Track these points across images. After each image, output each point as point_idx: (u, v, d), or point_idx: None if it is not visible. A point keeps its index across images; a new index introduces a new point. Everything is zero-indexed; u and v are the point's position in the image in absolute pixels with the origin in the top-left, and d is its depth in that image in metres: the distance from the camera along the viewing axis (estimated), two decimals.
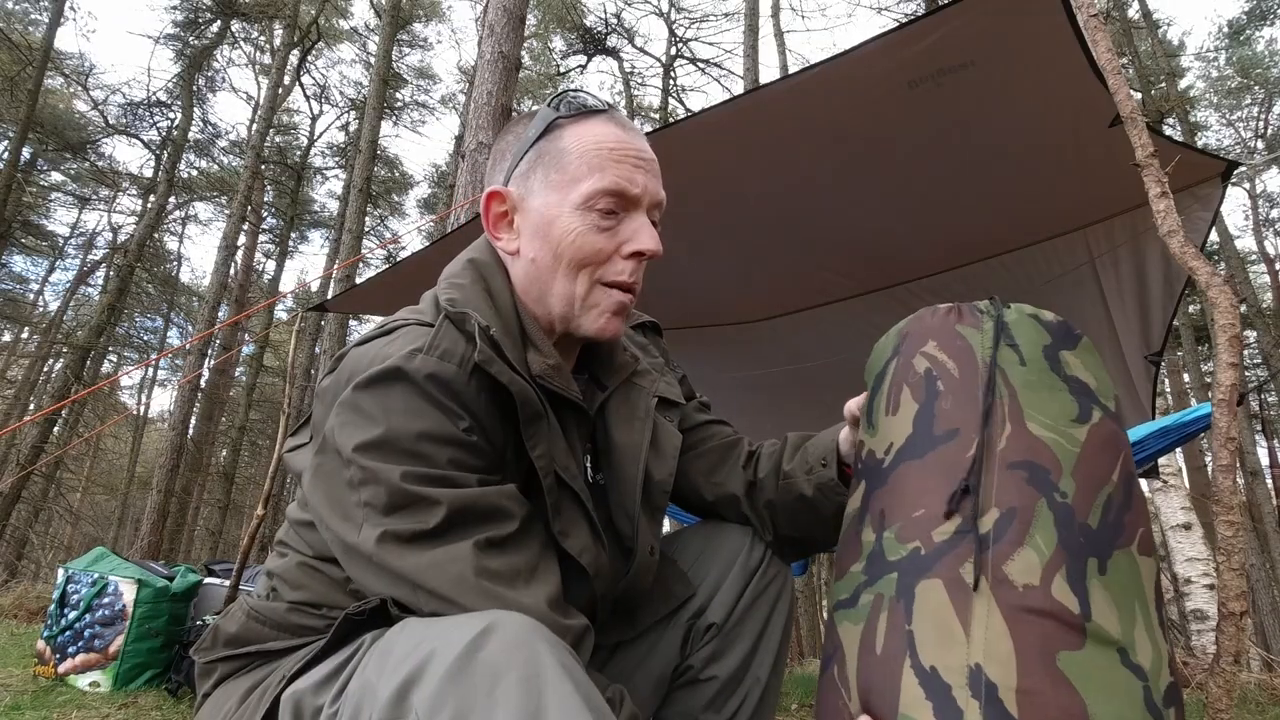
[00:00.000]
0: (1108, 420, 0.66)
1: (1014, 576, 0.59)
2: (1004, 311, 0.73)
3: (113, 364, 16.72)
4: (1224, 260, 11.43)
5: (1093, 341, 0.73)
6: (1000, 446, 0.65)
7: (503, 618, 0.53)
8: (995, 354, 0.70)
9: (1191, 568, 4.91)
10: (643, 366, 0.90)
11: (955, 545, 0.62)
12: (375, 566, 0.63)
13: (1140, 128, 1.27)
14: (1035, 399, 0.67)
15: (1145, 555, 0.62)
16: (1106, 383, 0.70)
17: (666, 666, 0.87)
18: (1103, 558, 0.59)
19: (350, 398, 0.66)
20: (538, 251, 0.78)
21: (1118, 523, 0.61)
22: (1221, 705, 0.95)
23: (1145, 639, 0.57)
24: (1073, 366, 0.69)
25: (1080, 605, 0.57)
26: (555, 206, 0.76)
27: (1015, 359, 0.70)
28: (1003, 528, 0.61)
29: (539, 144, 0.78)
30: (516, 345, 0.74)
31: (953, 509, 0.68)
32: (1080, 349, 0.70)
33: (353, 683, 0.57)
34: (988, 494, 0.64)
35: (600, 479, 0.84)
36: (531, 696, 0.47)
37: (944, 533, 0.64)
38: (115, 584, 2.31)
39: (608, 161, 0.75)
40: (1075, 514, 0.61)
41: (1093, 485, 0.62)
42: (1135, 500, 0.64)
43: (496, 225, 0.82)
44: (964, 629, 0.58)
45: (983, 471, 0.67)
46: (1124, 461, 0.65)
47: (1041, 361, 0.69)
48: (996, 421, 0.67)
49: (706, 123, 2.20)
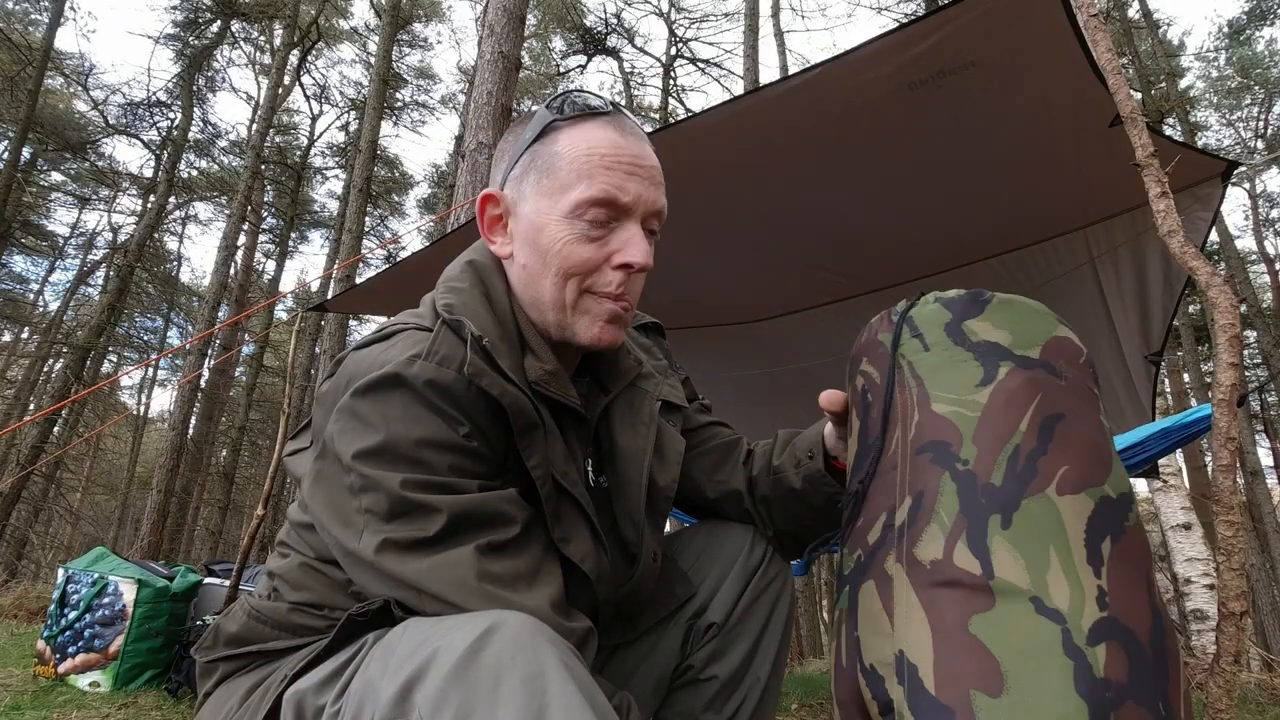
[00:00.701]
0: (1019, 372, 0.64)
1: (922, 556, 0.59)
2: (916, 305, 0.73)
3: (113, 364, 16.73)
4: (1224, 260, 11.42)
5: (1019, 298, 0.71)
6: (911, 435, 0.65)
7: (505, 617, 0.53)
8: (894, 353, 0.70)
9: (1191, 568, 4.91)
10: (646, 370, 0.90)
11: (882, 543, 0.63)
12: (376, 573, 0.63)
13: (1140, 128, 1.27)
14: (939, 378, 0.66)
15: (1069, 494, 0.58)
16: (1032, 330, 0.68)
17: (667, 666, 0.87)
18: (1007, 511, 0.58)
19: (349, 404, 0.66)
20: (528, 258, 0.77)
21: (1028, 471, 0.59)
22: (1221, 705, 0.95)
23: (1062, 580, 0.55)
24: (979, 332, 0.68)
25: (982, 566, 0.56)
26: (544, 214, 0.74)
27: (919, 347, 0.70)
28: (914, 513, 0.62)
29: (534, 147, 0.77)
30: (514, 351, 0.73)
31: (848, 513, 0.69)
32: (989, 311, 0.69)
33: (355, 682, 0.57)
34: (901, 485, 0.64)
35: (603, 482, 0.83)
36: (535, 696, 0.47)
37: (874, 534, 0.65)
38: (115, 584, 2.31)
39: (598, 169, 0.73)
40: (977, 478, 0.60)
41: (995, 443, 0.61)
42: (1057, 442, 0.61)
43: (491, 228, 0.81)
44: (890, 620, 0.59)
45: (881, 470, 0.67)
46: (1042, 405, 0.62)
47: (944, 340, 0.69)
48: (906, 414, 0.67)
49: (707, 123, 2.20)
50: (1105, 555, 0.57)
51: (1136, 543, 0.60)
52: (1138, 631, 0.54)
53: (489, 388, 0.66)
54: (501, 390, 0.67)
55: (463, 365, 0.66)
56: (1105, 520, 0.58)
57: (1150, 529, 12.54)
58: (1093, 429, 0.64)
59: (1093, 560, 0.56)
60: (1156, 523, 5.28)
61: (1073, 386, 0.65)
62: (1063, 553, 0.56)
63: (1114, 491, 0.60)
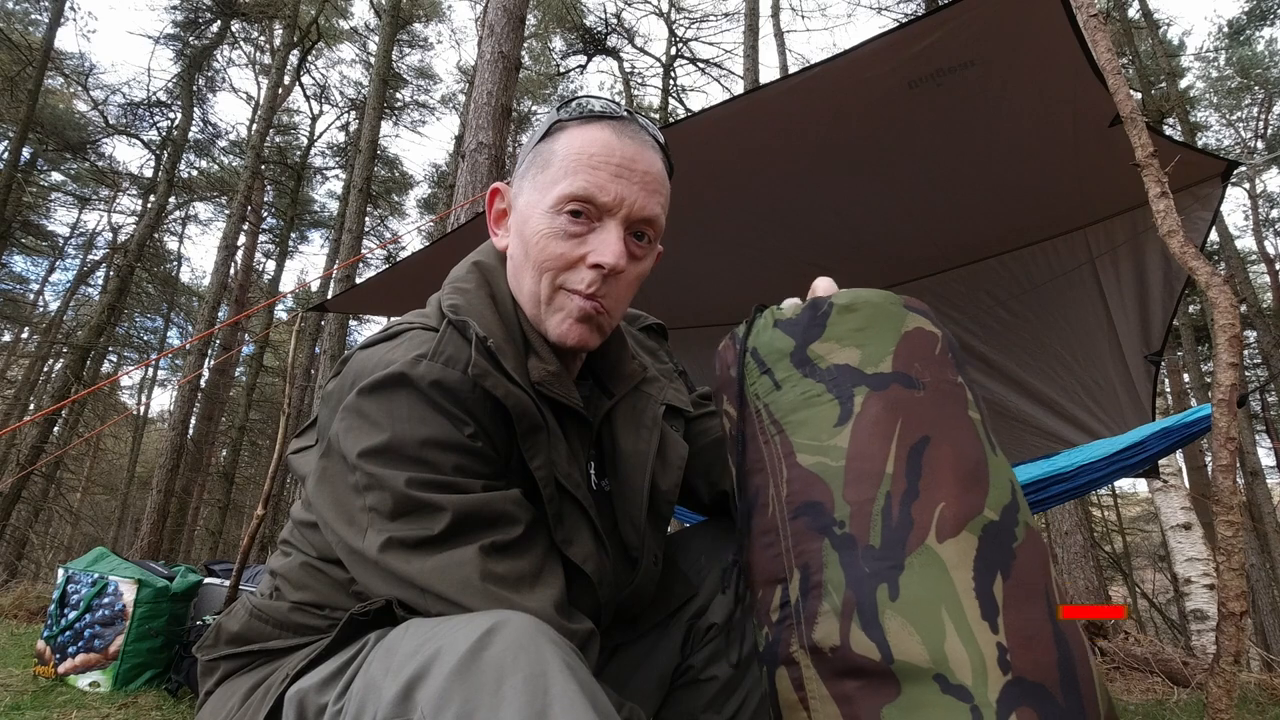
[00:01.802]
0: (875, 396, 0.60)
1: (822, 642, 0.55)
2: (753, 333, 0.68)
3: (113, 364, 16.73)
4: (1224, 260, 11.42)
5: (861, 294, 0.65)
6: (784, 495, 0.61)
7: (508, 617, 0.53)
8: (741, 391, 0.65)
9: (1191, 568, 4.91)
10: (651, 374, 0.90)
11: (783, 623, 0.59)
12: (380, 571, 0.63)
13: (1140, 128, 1.27)
14: (797, 422, 0.62)
15: (950, 537, 0.54)
16: (882, 335, 0.63)
17: (667, 666, 0.87)
18: (893, 578, 0.54)
19: (355, 403, 0.66)
20: (515, 248, 0.79)
21: (904, 523, 0.55)
22: (1221, 705, 0.95)
23: (960, 649, 0.51)
24: (826, 356, 0.63)
25: (880, 650, 0.52)
26: (533, 206, 0.76)
27: (770, 385, 0.64)
28: (805, 589, 0.58)
29: (539, 145, 0.79)
30: (518, 352, 0.73)
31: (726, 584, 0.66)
32: (831, 326, 0.64)
33: (357, 681, 0.57)
34: (788, 555, 0.60)
35: (605, 485, 0.83)
36: (537, 695, 0.47)
37: (775, 611, 0.61)
38: (115, 584, 2.31)
39: (584, 167, 0.73)
40: (856, 542, 0.56)
41: (866, 496, 0.57)
42: (928, 474, 0.57)
43: (498, 221, 0.83)
44: (807, 713, 0.56)
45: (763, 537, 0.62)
46: (905, 430, 0.58)
47: (794, 374, 0.63)
48: (775, 469, 0.62)
49: (706, 123, 2.20)
50: (999, 600, 0.53)
51: (1029, 559, 0.56)
52: (1046, 682, 0.51)
53: (493, 389, 0.66)
54: (505, 392, 0.67)
55: (468, 366, 0.66)
56: (992, 554, 0.55)
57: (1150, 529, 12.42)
58: (963, 441, 0.59)
59: (987, 613, 0.53)
60: (1156, 523, 5.28)
61: (933, 393, 0.61)
62: (955, 613, 0.52)
63: (995, 511, 0.57)
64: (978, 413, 0.62)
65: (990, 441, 0.61)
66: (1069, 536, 6.05)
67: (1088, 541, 6.41)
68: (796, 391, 0.63)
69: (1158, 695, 3.14)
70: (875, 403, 0.59)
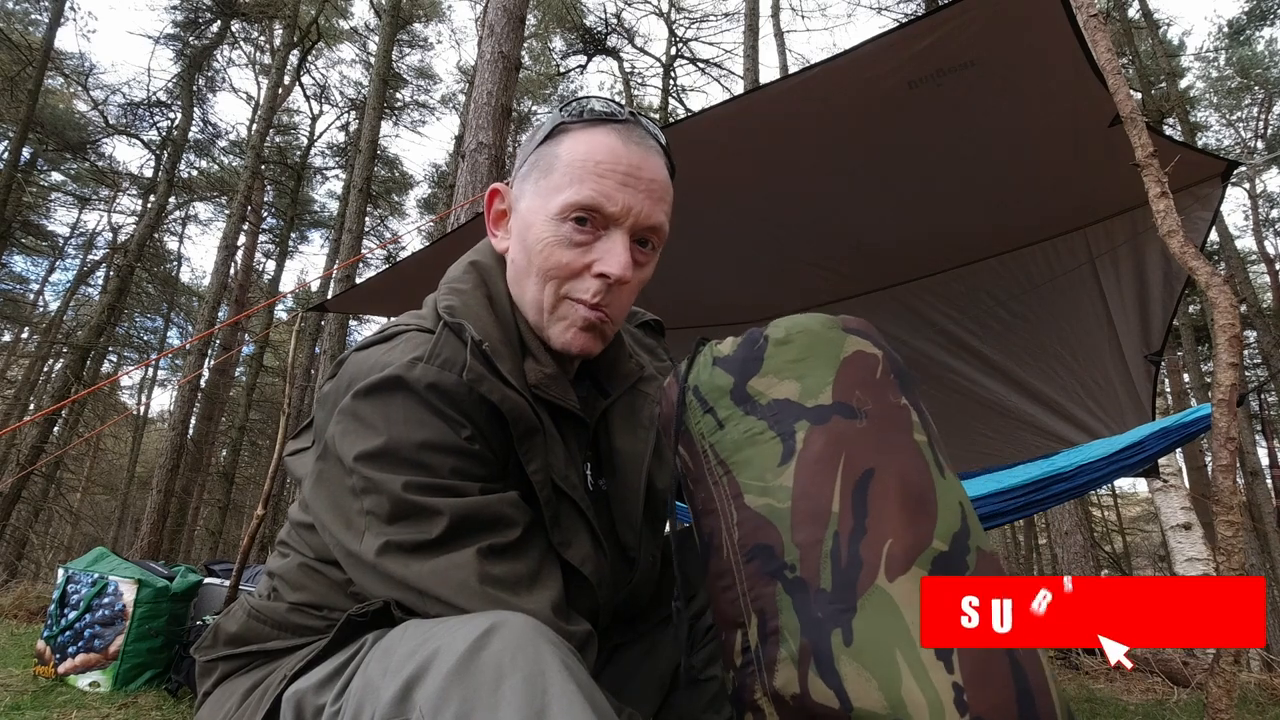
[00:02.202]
0: (817, 431, 0.59)
1: (783, 689, 0.55)
2: (693, 370, 0.67)
3: (113, 364, 16.73)
4: (1224, 260, 11.42)
5: (797, 322, 0.64)
6: (736, 536, 0.60)
7: (506, 618, 0.53)
8: (677, 430, 0.65)
9: (1191, 568, 4.91)
10: (648, 373, 0.89)
11: (746, 669, 0.59)
12: (378, 574, 0.63)
13: (1140, 128, 1.27)
14: (742, 462, 0.61)
15: (900, 574, 0.54)
16: (820, 364, 0.62)
17: (667, 667, 0.87)
18: (846, 623, 0.53)
19: (351, 405, 0.66)
20: (517, 254, 0.77)
21: (853, 563, 0.55)
22: (1221, 705, 0.95)
23: (916, 693, 0.51)
24: (766, 391, 0.62)
25: (839, 697, 0.52)
26: (535, 212, 0.74)
27: (714, 425, 0.64)
28: (763, 635, 0.57)
29: (541, 147, 0.77)
30: (515, 354, 0.73)
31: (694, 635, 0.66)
32: (769, 359, 0.63)
33: (355, 682, 0.57)
34: (744, 599, 0.59)
35: (602, 484, 0.83)
36: (536, 695, 0.47)
37: (738, 656, 0.60)
38: (115, 584, 2.31)
39: (590, 174, 0.72)
40: (808, 586, 0.55)
41: (814, 536, 0.56)
42: (874, 509, 0.56)
43: (496, 223, 0.82)
44: None
45: (720, 580, 0.62)
46: (849, 465, 0.57)
47: (735, 412, 0.63)
48: (725, 511, 0.62)
49: (706, 123, 2.20)
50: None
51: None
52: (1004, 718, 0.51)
53: (488, 393, 0.66)
54: (501, 396, 0.67)
55: (464, 369, 0.66)
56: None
57: (1150, 529, 12.41)
58: (908, 468, 0.59)
59: (941, 651, 0.52)
60: (1156, 523, 5.28)
61: (875, 421, 0.60)
62: (910, 654, 0.52)
63: (944, 540, 0.56)
64: (924, 434, 0.62)
65: (938, 463, 0.61)
66: (1069, 536, 6.05)
67: (1088, 541, 6.41)
68: (740, 430, 0.62)
69: (1158, 695, 3.14)
70: (817, 438, 0.59)
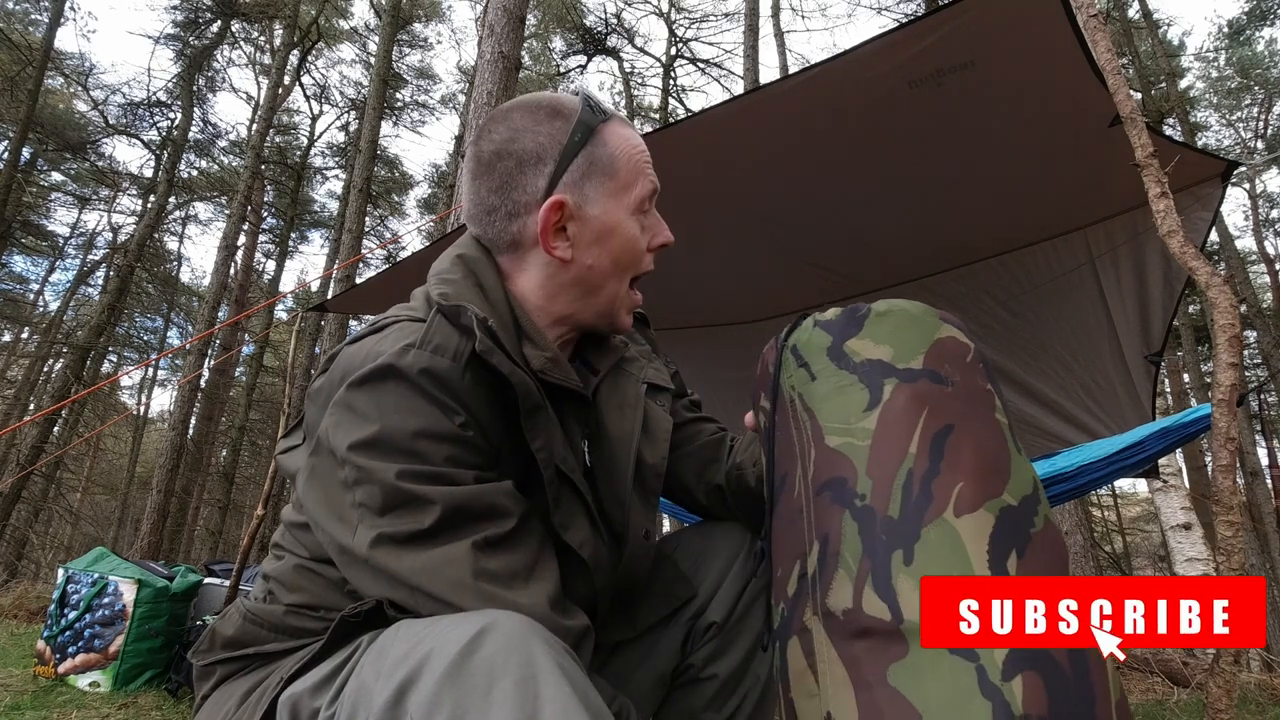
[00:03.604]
0: (904, 387, 0.63)
1: (834, 606, 0.57)
2: (795, 333, 0.73)
3: (113, 364, 16.73)
4: (1224, 260, 11.42)
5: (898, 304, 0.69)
6: (810, 474, 0.64)
7: (499, 618, 0.53)
8: (776, 382, 0.71)
9: (1191, 568, 4.91)
10: (630, 353, 0.90)
11: (799, 595, 0.61)
12: (371, 569, 0.62)
13: (1140, 128, 1.27)
14: (829, 408, 0.65)
15: (967, 513, 0.56)
16: (914, 338, 0.66)
17: (667, 666, 0.87)
18: (908, 545, 0.56)
19: (344, 397, 0.65)
20: (596, 258, 0.78)
21: (923, 497, 0.57)
22: (1221, 705, 0.95)
23: None
24: (861, 351, 0.66)
25: (891, 610, 0.54)
26: (615, 213, 0.79)
27: (806, 377, 0.69)
28: (822, 559, 0.60)
29: (586, 150, 0.77)
30: (512, 339, 0.73)
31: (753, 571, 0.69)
32: (868, 326, 0.68)
33: (349, 685, 0.57)
34: (809, 530, 0.62)
35: (591, 463, 0.84)
36: (528, 699, 0.47)
37: (792, 585, 0.63)
38: (115, 584, 2.31)
39: (643, 164, 0.80)
40: (876, 513, 0.58)
41: (888, 472, 0.59)
42: (949, 457, 0.59)
43: (555, 235, 0.77)
44: (815, 678, 0.57)
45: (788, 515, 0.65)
46: (930, 418, 0.61)
47: (829, 367, 0.67)
48: (804, 452, 0.66)
49: (706, 123, 2.20)
50: (1012, 574, 0.55)
51: (1047, 547, 0.57)
52: (1054, 651, 0.52)
53: (499, 365, 0.66)
54: (510, 369, 0.67)
55: (457, 354, 0.66)
56: (1008, 533, 0.56)
57: (1150, 529, 12.39)
58: (986, 435, 0.61)
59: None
60: (1156, 523, 5.28)
61: (961, 391, 0.63)
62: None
63: (1015, 498, 0.58)
64: (1005, 417, 0.65)
65: (1015, 444, 0.63)
66: (1069, 536, 6.04)
67: (1088, 541, 6.41)
68: (830, 382, 0.67)
69: (1158, 695, 3.14)
70: (903, 392, 0.63)
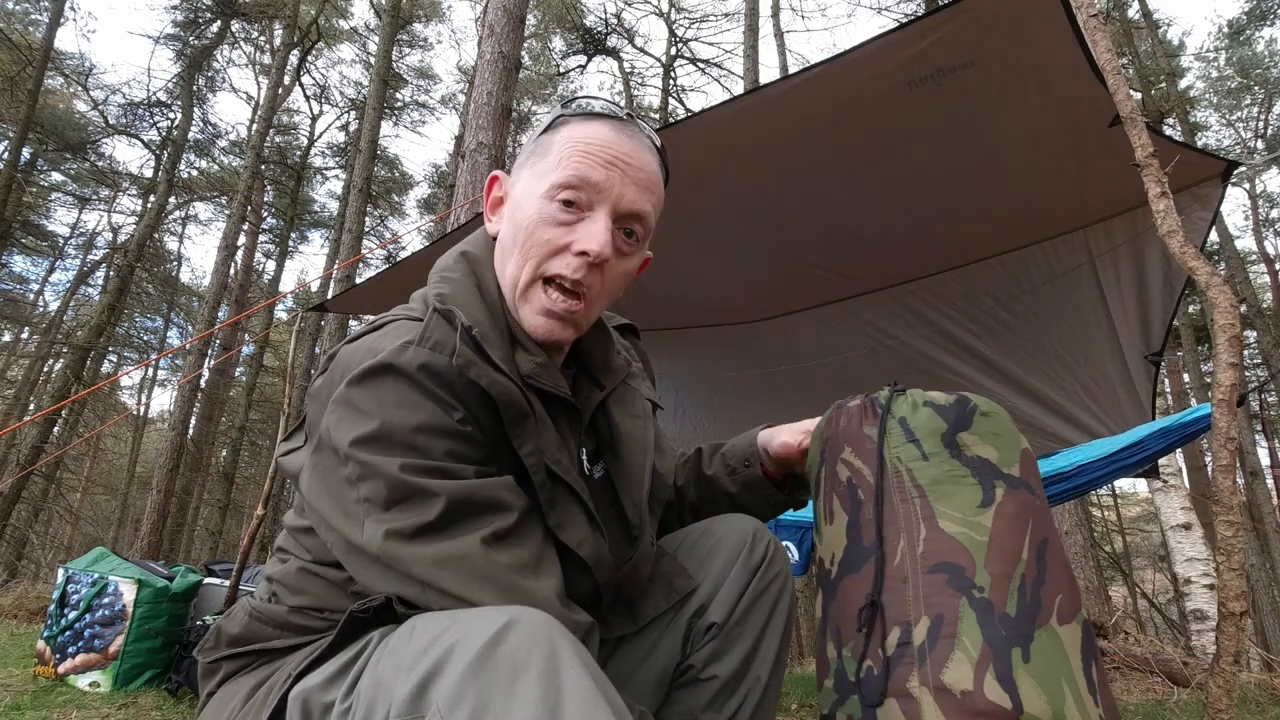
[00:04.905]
0: (1011, 494, 0.70)
1: (951, 684, 0.63)
2: (897, 401, 0.77)
3: (113, 364, 16.73)
4: (1224, 260, 11.42)
5: (993, 405, 0.75)
6: (919, 550, 0.69)
7: (523, 613, 0.53)
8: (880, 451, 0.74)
9: (1191, 568, 4.91)
10: (635, 370, 0.93)
11: (900, 660, 0.66)
12: (381, 566, 0.63)
13: (1140, 128, 1.27)
14: (942, 493, 0.70)
15: (1065, 623, 0.65)
16: (1010, 445, 0.73)
17: (668, 663, 0.87)
18: (1025, 645, 0.63)
19: (344, 394, 0.66)
20: (506, 231, 0.80)
21: (1034, 602, 0.65)
22: (1221, 705, 0.95)
23: (1076, 713, 0.61)
24: (972, 447, 0.72)
25: (1012, 700, 0.60)
26: (528, 193, 0.78)
27: (917, 454, 0.73)
28: (934, 635, 0.65)
29: (540, 137, 0.80)
30: (504, 343, 0.74)
31: (862, 624, 0.72)
32: (976, 423, 0.74)
33: (364, 679, 0.57)
34: (915, 602, 0.67)
35: (601, 468, 0.85)
36: (550, 691, 0.48)
37: (890, 648, 0.67)
38: (115, 584, 2.31)
39: (579, 154, 0.75)
40: (994, 607, 0.64)
41: (1005, 572, 0.66)
42: (1050, 568, 0.67)
43: (493, 209, 0.85)
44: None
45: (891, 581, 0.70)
46: (1034, 530, 0.68)
47: (943, 452, 0.72)
48: (911, 526, 0.70)
49: (706, 123, 2.20)
50: (1096, 681, 0.64)
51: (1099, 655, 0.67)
52: None
53: (478, 378, 0.67)
54: (490, 380, 0.68)
55: (454, 353, 0.67)
56: (1090, 645, 0.66)
57: (1150, 529, 12.42)
58: (1062, 547, 0.71)
59: (1090, 689, 0.64)
60: (1157, 523, 5.28)
61: (1045, 503, 0.72)
62: (1071, 685, 0.62)
63: (1086, 613, 0.67)
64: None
65: None
66: (1069, 536, 6.04)
67: (1088, 541, 6.40)
68: (943, 468, 0.72)
69: (1158, 695, 3.14)
70: (1012, 500, 0.70)
